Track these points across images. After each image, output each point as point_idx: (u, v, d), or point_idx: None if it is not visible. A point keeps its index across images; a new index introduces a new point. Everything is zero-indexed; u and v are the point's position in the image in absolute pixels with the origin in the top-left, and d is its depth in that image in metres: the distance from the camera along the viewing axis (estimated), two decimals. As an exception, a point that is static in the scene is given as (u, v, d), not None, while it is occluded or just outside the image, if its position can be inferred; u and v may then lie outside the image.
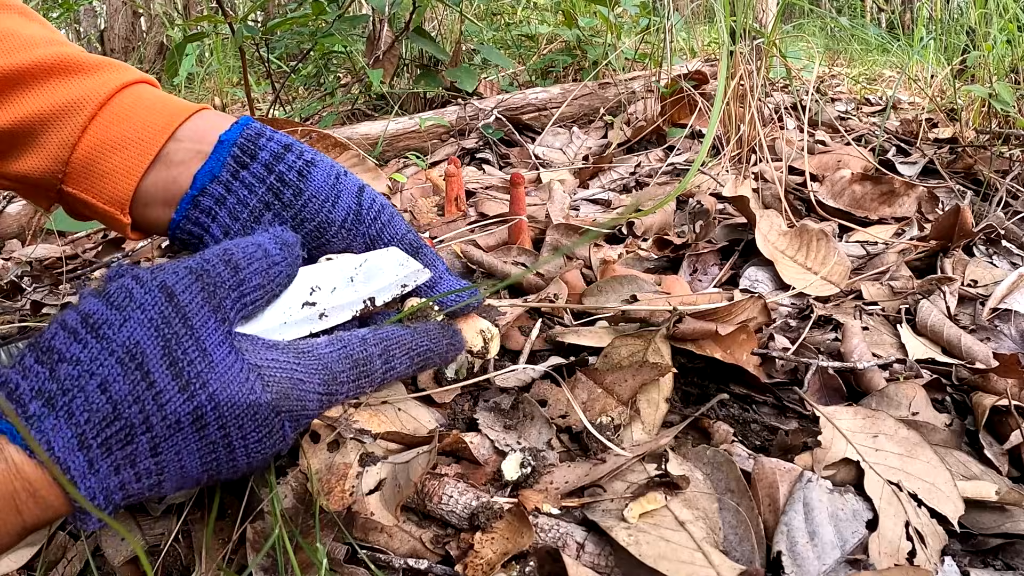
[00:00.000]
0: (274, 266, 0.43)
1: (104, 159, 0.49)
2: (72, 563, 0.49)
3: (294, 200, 0.50)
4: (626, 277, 0.75)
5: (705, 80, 1.41)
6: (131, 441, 0.36)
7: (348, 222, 0.51)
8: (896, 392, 0.58)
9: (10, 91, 0.49)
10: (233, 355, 0.38)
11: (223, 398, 0.38)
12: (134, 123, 0.50)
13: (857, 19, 3.73)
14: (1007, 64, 1.28)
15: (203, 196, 0.49)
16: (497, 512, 0.46)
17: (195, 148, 0.50)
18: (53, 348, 0.36)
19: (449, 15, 2.01)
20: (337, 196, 0.51)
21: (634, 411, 0.56)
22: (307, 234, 0.50)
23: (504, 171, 1.32)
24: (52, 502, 0.35)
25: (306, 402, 0.40)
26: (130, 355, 0.36)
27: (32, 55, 0.49)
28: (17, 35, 0.50)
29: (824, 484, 0.47)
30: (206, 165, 0.49)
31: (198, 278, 0.39)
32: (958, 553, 0.46)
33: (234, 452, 0.39)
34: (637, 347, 0.62)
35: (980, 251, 0.86)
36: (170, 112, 0.51)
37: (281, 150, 0.50)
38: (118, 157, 0.49)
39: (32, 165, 0.49)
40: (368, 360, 0.43)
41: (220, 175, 0.49)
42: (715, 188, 1.03)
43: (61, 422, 0.35)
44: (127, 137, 0.49)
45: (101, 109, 0.50)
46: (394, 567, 0.45)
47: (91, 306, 0.38)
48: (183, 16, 3.86)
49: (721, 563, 0.41)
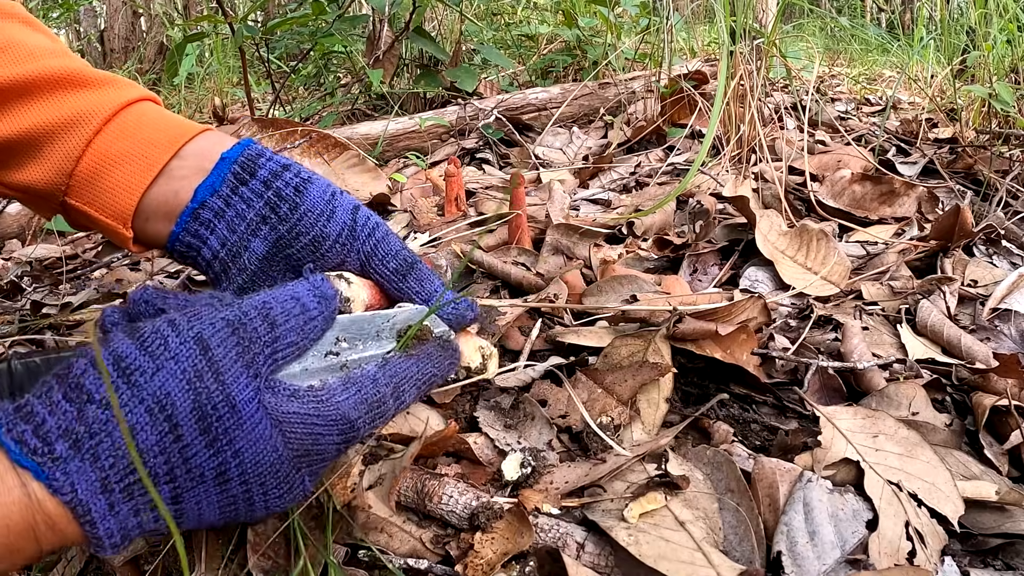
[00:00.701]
0: (310, 322, 0.43)
1: (108, 173, 0.50)
2: (72, 563, 0.49)
3: (290, 214, 0.51)
4: (626, 277, 0.75)
5: (705, 80, 1.41)
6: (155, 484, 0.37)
7: (343, 237, 0.52)
8: (896, 392, 0.58)
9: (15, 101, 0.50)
10: (260, 412, 0.38)
11: (248, 456, 0.38)
12: (138, 139, 0.51)
13: (857, 19, 3.73)
14: (1007, 64, 1.28)
15: (203, 209, 0.51)
16: (497, 512, 0.46)
17: (197, 165, 0.51)
18: (83, 387, 0.36)
19: (449, 15, 2.01)
20: (332, 212, 0.52)
21: (634, 411, 0.56)
22: (302, 248, 0.51)
23: (504, 171, 1.32)
24: (70, 534, 0.35)
25: (325, 453, 0.41)
26: (160, 406, 0.36)
27: (38, 66, 0.50)
28: (23, 45, 0.50)
29: (824, 484, 0.47)
30: (207, 180, 0.51)
31: (234, 331, 0.39)
32: (958, 553, 0.46)
33: (253, 504, 0.40)
34: (637, 347, 0.62)
35: (980, 251, 0.86)
36: (175, 130, 0.52)
37: (280, 169, 0.52)
38: (122, 172, 0.50)
39: (36, 176, 0.51)
40: (381, 401, 0.43)
41: (220, 190, 0.51)
42: (715, 188, 1.03)
43: (86, 465, 0.35)
44: (131, 153, 0.51)
45: (106, 124, 0.51)
46: (394, 567, 0.45)
47: (125, 349, 0.38)
48: (183, 16, 3.86)
49: (721, 563, 0.41)
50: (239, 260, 0.52)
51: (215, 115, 2.15)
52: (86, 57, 3.55)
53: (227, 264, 0.52)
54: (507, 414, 0.58)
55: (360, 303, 0.50)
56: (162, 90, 2.61)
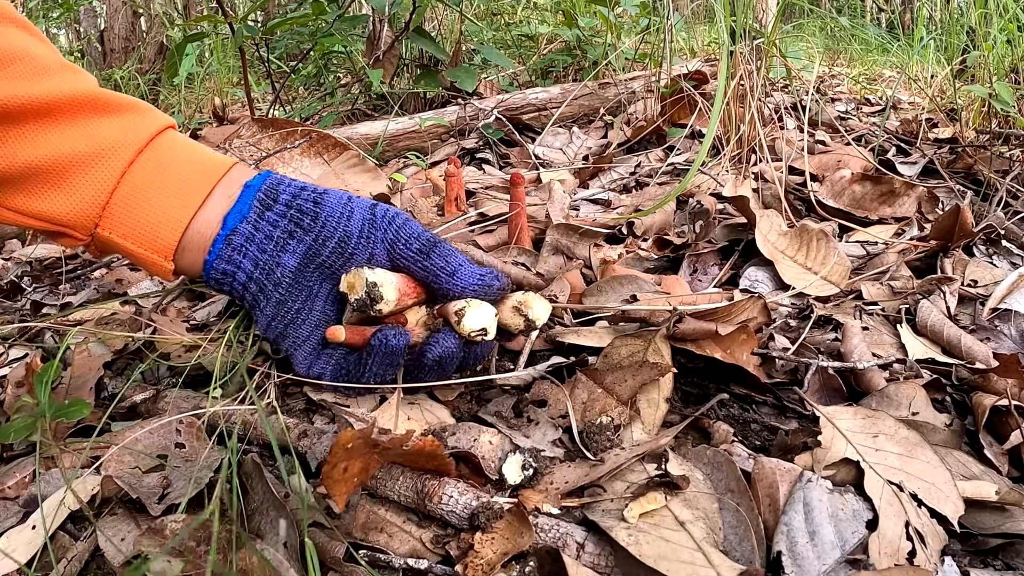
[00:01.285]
0: None
1: (147, 206, 0.51)
2: (72, 563, 0.49)
3: (313, 224, 0.54)
4: (626, 277, 0.75)
5: (705, 80, 1.41)
6: None
7: (365, 231, 0.55)
8: (896, 392, 0.58)
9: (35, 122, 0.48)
10: None
11: None
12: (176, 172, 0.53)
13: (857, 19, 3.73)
14: (1007, 64, 1.28)
15: (234, 235, 0.53)
16: (497, 512, 0.46)
17: (225, 194, 0.54)
18: None
19: (449, 15, 2.01)
20: (351, 212, 0.55)
21: (634, 411, 0.56)
22: (330, 252, 0.54)
23: (504, 171, 1.32)
24: None
25: None
26: None
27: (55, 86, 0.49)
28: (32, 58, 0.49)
29: (824, 484, 0.47)
30: (235, 207, 0.54)
31: None
32: (958, 553, 0.46)
33: None
34: (637, 347, 0.62)
35: (980, 251, 0.86)
36: (208, 164, 0.55)
37: (298, 190, 0.55)
38: (162, 205, 0.52)
39: (64, 206, 0.50)
40: None
41: (248, 216, 0.54)
42: (715, 188, 1.03)
43: None
44: (170, 186, 0.52)
45: (139, 155, 0.52)
46: (394, 567, 0.45)
47: None
48: (183, 16, 3.86)
49: (721, 563, 0.41)
50: (273, 276, 0.54)
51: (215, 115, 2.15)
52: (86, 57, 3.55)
53: (262, 283, 0.54)
54: (508, 415, 0.58)
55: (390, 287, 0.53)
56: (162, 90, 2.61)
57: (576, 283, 0.76)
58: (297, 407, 0.62)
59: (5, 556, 0.48)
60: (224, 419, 0.59)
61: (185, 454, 0.56)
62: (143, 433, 0.58)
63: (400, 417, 0.57)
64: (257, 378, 0.64)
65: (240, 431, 0.58)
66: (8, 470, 0.57)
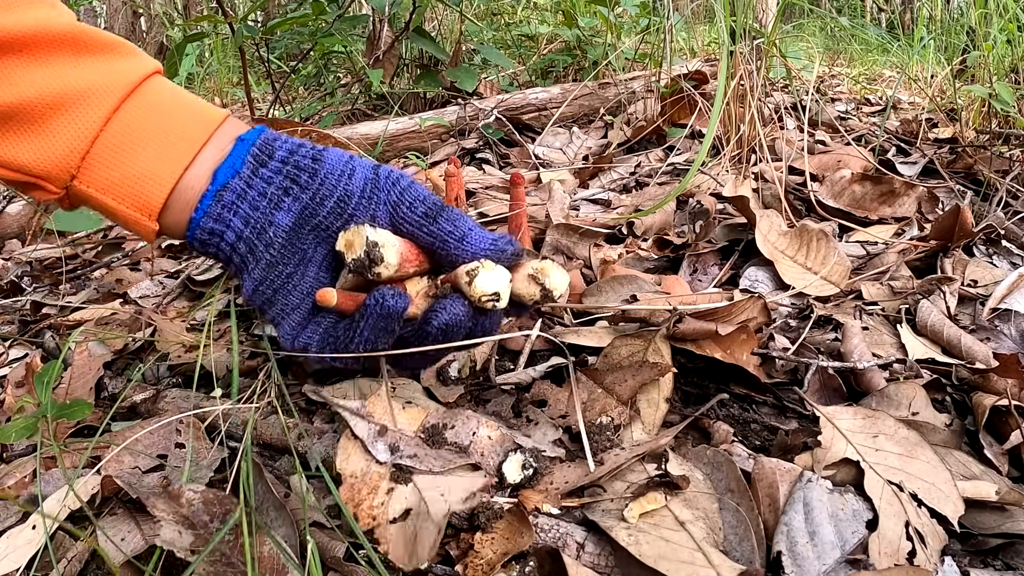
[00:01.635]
0: None
1: (132, 159, 0.46)
2: (72, 563, 0.49)
3: (311, 181, 0.49)
4: (626, 277, 0.75)
5: (705, 80, 1.41)
6: None
7: (367, 191, 0.50)
8: (896, 392, 0.58)
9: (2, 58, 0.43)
10: None
11: None
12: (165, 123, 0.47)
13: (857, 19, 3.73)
14: (1007, 64, 1.28)
15: (225, 191, 0.48)
16: (497, 512, 0.46)
17: (218, 147, 0.49)
18: None
19: (449, 15, 2.01)
20: (352, 170, 0.50)
21: (634, 411, 0.56)
22: (328, 212, 0.49)
23: (504, 171, 1.32)
24: None
25: None
26: None
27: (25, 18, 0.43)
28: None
29: (824, 484, 0.47)
30: (227, 161, 0.48)
31: None
32: (958, 553, 0.46)
33: None
34: (637, 347, 0.62)
35: (980, 251, 0.86)
36: (201, 115, 0.49)
37: (295, 146, 0.50)
38: (149, 159, 0.47)
39: (36, 154, 0.44)
40: None
41: (241, 171, 0.48)
42: (715, 188, 1.03)
43: None
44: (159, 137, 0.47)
45: (124, 100, 0.46)
46: (394, 567, 0.45)
47: None
48: (183, 16, 3.86)
49: (721, 563, 0.41)
50: (265, 235, 0.49)
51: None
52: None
53: (252, 243, 0.49)
54: (508, 415, 0.58)
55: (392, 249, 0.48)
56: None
57: (576, 283, 0.76)
58: (297, 407, 0.62)
59: (5, 556, 0.48)
60: (224, 419, 0.59)
61: (186, 454, 0.56)
62: (143, 433, 0.58)
63: (396, 417, 0.57)
64: (261, 377, 0.64)
65: (240, 431, 0.59)
66: (8, 470, 0.57)
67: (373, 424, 0.53)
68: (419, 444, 0.53)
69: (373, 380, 0.62)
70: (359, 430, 0.52)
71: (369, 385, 0.62)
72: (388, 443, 0.52)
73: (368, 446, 0.51)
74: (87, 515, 0.51)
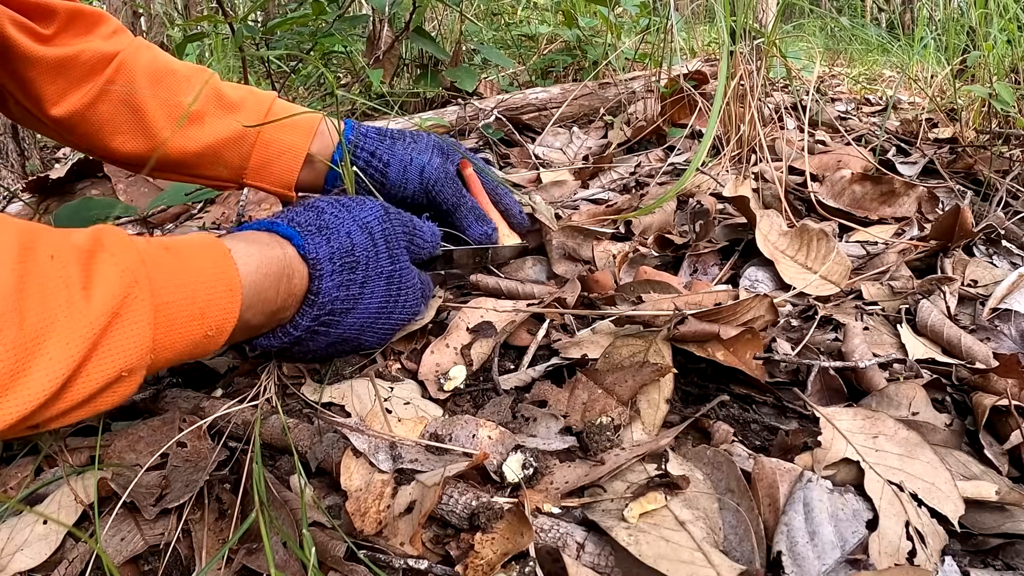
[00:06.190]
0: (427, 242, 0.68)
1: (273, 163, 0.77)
2: (73, 564, 0.49)
3: (381, 189, 0.79)
4: (659, 283, 0.75)
5: (705, 80, 1.41)
6: (355, 270, 0.59)
7: (418, 194, 0.78)
8: (896, 392, 0.58)
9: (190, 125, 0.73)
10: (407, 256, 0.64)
11: (405, 274, 0.63)
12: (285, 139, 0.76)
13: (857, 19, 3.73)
14: (1007, 64, 1.28)
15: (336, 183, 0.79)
16: (497, 512, 0.46)
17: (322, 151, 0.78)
18: (318, 206, 0.61)
19: (449, 15, 2.01)
20: (405, 182, 0.78)
21: (634, 411, 0.56)
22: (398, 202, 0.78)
23: (504, 171, 1.32)
24: (299, 290, 0.56)
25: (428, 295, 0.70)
26: (365, 225, 0.61)
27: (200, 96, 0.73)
28: (175, 71, 0.74)
29: (824, 484, 0.47)
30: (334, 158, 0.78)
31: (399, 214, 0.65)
32: (958, 553, 0.46)
33: (396, 306, 0.63)
34: (638, 347, 0.62)
35: (980, 251, 0.86)
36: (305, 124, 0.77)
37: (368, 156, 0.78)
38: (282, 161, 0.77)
39: (220, 172, 0.77)
40: None
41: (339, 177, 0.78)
42: (715, 188, 1.03)
43: (323, 242, 0.57)
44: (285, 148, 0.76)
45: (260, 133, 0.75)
46: (394, 567, 0.45)
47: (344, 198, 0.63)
48: (183, 16, 3.86)
49: (721, 563, 0.41)
50: None
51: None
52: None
53: None
54: (508, 415, 0.58)
55: None
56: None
57: (605, 282, 0.77)
58: (297, 407, 0.62)
59: (19, 552, 0.48)
60: (225, 419, 0.59)
61: (186, 454, 0.56)
62: (144, 432, 0.58)
63: (391, 419, 0.57)
64: (262, 377, 0.64)
65: (240, 431, 0.59)
66: (10, 471, 0.57)
67: (373, 437, 0.53)
68: (420, 450, 0.53)
69: (367, 380, 0.63)
70: (359, 444, 0.52)
71: (366, 386, 0.62)
72: (390, 452, 0.52)
73: (370, 457, 0.51)
74: (87, 515, 0.51)
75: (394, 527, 0.47)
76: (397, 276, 0.62)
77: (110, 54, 0.71)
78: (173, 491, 0.53)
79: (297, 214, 0.59)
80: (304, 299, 0.56)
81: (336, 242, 0.57)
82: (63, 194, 1.28)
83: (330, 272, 0.56)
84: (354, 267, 0.58)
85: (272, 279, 0.52)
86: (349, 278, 0.58)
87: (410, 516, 0.47)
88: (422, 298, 0.67)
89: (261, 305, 0.52)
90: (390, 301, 0.62)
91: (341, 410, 0.60)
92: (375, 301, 0.60)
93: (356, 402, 0.61)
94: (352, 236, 0.59)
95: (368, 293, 0.60)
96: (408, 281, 0.63)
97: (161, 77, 0.72)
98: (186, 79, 0.73)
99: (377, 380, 0.63)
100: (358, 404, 0.60)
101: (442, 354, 0.66)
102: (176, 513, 0.51)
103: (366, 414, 0.58)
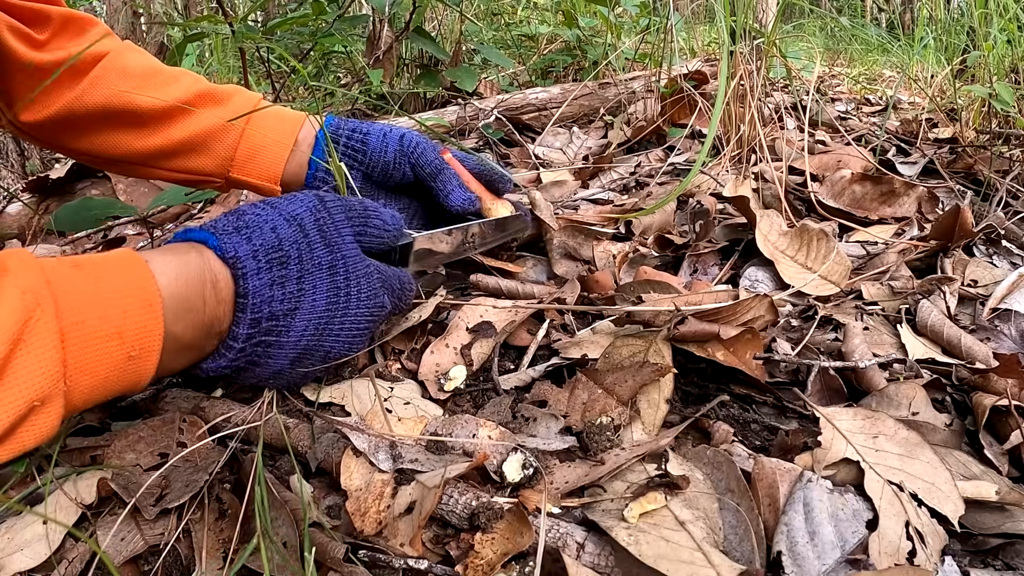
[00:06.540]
0: (387, 227, 0.63)
1: (259, 156, 0.77)
2: (73, 564, 0.49)
3: (363, 158, 0.78)
4: (659, 283, 0.75)
5: (705, 80, 1.41)
6: (286, 265, 0.54)
7: (398, 159, 0.77)
8: (896, 392, 0.58)
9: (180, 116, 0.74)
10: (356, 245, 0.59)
11: (351, 262, 0.57)
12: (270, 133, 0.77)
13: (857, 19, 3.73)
14: (1007, 64, 1.28)
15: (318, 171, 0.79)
16: (497, 512, 0.46)
17: (307, 139, 0.79)
18: (240, 209, 0.56)
19: (449, 15, 2.01)
20: (386, 147, 0.78)
21: (634, 411, 0.56)
22: (379, 174, 0.78)
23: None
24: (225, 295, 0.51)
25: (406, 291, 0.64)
26: (293, 217, 0.56)
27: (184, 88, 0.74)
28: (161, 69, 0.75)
29: (824, 484, 0.47)
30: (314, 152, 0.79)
31: (342, 201, 0.60)
32: (958, 553, 0.46)
33: (350, 300, 0.57)
34: (638, 347, 0.62)
35: (980, 251, 0.86)
36: (290, 122, 0.78)
37: (350, 132, 0.79)
38: (268, 154, 0.77)
39: (207, 164, 0.77)
40: None
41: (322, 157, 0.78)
42: (715, 188, 1.03)
43: (243, 240, 0.53)
44: (270, 142, 0.77)
45: (247, 124, 0.76)
46: (394, 567, 0.45)
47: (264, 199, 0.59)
48: (183, 16, 3.86)
49: (721, 563, 0.41)
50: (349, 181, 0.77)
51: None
52: (86, 57, 3.54)
53: None
54: (507, 415, 0.58)
55: None
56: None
57: (606, 282, 0.77)
58: (297, 407, 0.62)
59: (18, 551, 0.48)
60: (225, 419, 0.59)
61: (186, 454, 0.56)
62: (144, 432, 0.58)
63: (391, 419, 0.57)
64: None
65: (240, 431, 0.58)
66: (9, 470, 0.57)
67: (373, 436, 0.53)
68: (421, 450, 0.53)
69: (367, 380, 0.62)
70: (359, 444, 0.52)
71: (366, 386, 0.62)
72: (390, 452, 0.52)
73: (370, 457, 0.51)
74: (87, 515, 0.51)
75: (394, 527, 0.47)
76: (342, 266, 0.56)
77: (100, 54, 0.72)
78: (173, 491, 0.53)
79: (215, 220, 0.55)
80: (235, 304, 0.52)
81: (259, 239, 0.53)
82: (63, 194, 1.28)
83: (255, 270, 0.52)
84: (284, 262, 0.53)
85: (194, 284, 0.49)
86: (280, 274, 0.53)
87: (410, 517, 0.47)
88: (384, 288, 0.60)
89: (189, 316, 0.48)
90: (340, 295, 0.56)
91: (341, 410, 0.60)
92: (320, 297, 0.55)
93: (356, 402, 0.61)
94: (278, 230, 0.54)
95: (309, 288, 0.54)
96: (356, 270, 0.57)
97: (150, 75, 0.74)
98: (174, 77, 0.75)
99: (377, 380, 0.63)
100: (358, 404, 0.60)
101: (442, 354, 0.66)
102: (176, 513, 0.51)
103: (366, 414, 0.58)
